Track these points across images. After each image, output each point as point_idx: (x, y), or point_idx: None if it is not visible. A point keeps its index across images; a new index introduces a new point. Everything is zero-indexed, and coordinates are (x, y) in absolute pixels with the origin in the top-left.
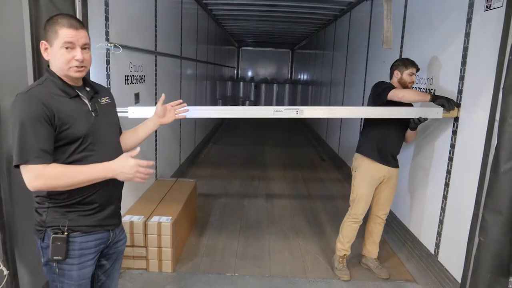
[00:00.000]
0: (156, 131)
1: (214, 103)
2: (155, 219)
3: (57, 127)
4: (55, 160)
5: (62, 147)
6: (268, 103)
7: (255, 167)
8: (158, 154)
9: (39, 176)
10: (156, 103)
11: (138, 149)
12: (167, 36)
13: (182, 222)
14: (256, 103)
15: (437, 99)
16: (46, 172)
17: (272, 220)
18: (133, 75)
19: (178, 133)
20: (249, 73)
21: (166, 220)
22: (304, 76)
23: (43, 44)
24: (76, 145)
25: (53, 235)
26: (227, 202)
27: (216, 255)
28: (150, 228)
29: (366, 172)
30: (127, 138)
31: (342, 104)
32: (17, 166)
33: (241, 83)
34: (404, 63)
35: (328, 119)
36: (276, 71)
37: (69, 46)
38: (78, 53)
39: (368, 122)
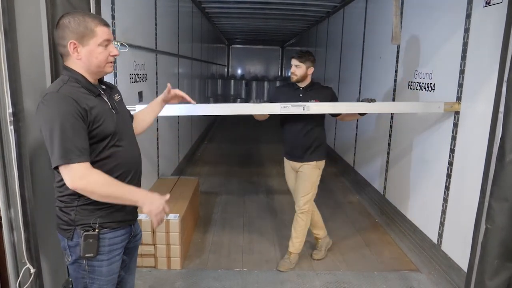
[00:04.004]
0: (157, 130)
1: (205, 101)
2: None
3: (90, 124)
4: None
5: (93, 144)
6: (259, 100)
7: (252, 164)
8: (160, 153)
9: (84, 177)
10: None
11: (168, 195)
12: (166, 35)
13: (188, 220)
14: (247, 100)
15: None
16: (91, 175)
17: (275, 215)
18: (136, 74)
19: (176, 132)
20: (239, 71)
21: (174, 218)
22: None
23: (72, 44)
24: (106, 142)
25: (85, 233)
26: (228, 199)
27: (223, 251)
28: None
29: (285, 169)
30: (138, 126)
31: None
32: (57, 167)
33: (232, 80)
34: None
35: None
36: (266, 68)
37: (107, 43)
38: (114, 49)
39: None
